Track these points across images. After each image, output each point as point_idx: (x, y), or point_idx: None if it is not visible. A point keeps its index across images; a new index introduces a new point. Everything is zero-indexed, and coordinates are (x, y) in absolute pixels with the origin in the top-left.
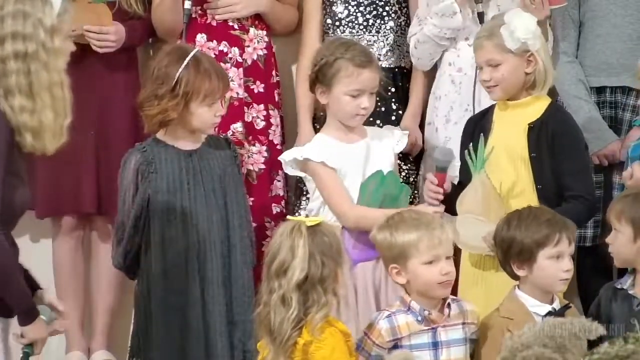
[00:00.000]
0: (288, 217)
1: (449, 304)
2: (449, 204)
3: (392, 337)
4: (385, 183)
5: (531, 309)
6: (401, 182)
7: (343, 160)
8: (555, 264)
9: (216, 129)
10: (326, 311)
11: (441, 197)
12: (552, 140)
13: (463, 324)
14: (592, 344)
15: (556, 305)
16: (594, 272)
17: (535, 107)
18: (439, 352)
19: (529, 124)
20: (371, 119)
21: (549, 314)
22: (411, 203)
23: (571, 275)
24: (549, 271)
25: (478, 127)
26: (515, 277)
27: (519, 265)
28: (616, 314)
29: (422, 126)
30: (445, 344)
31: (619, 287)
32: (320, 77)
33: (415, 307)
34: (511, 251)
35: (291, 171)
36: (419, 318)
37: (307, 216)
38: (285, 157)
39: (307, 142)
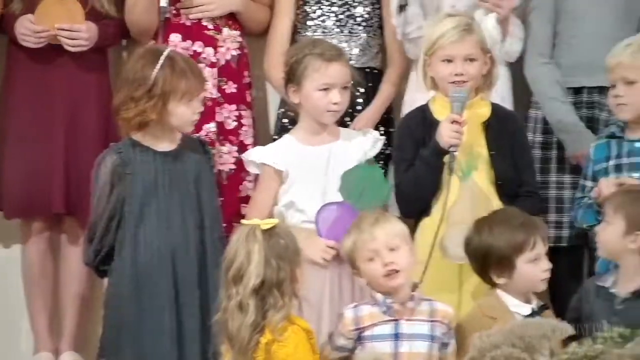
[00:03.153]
0: (242, 220)
1: (412, 297)
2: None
3: (354, 326)
4: (367, 177)
5: (513, 309)
6: (385, 179)
7: (300, 164)
8: (535, 266)
9: None
10: (284, 313)
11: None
12: (511, 136)
13: (432, 321)
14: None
15: (534, 304)
16: (567, 271)
17: (483, 106)
18: (399, 343)
19: (483, 123)
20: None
21: (531, 314)
22: None
23: (549, 272)
24: (529, 275)
25: (426, 125)
26: (493, 284)
27: (499, 273)
28: (597, 312)
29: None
30: (407, 336)
31: (600, 284)
32: (291, 76)
33: (379, 298)
34: (489, 260)
35: (253, 169)
36: (384, 309)
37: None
38: (247, 156)
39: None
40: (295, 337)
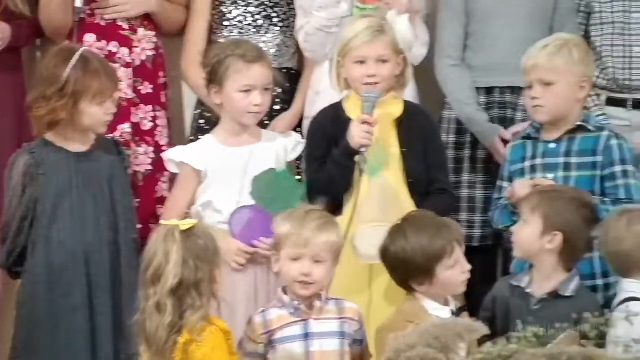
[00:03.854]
0: (161, 221)
1: (319, 297)
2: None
3: (264, 330)
4: (278, 181)
5: (432, 312)
6: (296, 180)
7: (220, 164)
8: (454, 270)
9: None
10: (202, 314)
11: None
12: (423, 134)
13: (340, 319)
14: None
15: (453, 307)
16: (480, 272)
17: (395, 105)
18: (309, 342)
19: (395, 120)
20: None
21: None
22: None
23: (469, 272)
24: (450, 280)
25: (338, 123)
26: (412, 290)
27: (419, 282)
28: (512, 312)
29: None
30: (317, 335)
31: (515, 284)
32: (213, 77)
33: (286, 300)
34: (408, 271)
35: (173, 168)
36: (292, 311)
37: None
38: (166, 155)
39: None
40: (214, 338)
